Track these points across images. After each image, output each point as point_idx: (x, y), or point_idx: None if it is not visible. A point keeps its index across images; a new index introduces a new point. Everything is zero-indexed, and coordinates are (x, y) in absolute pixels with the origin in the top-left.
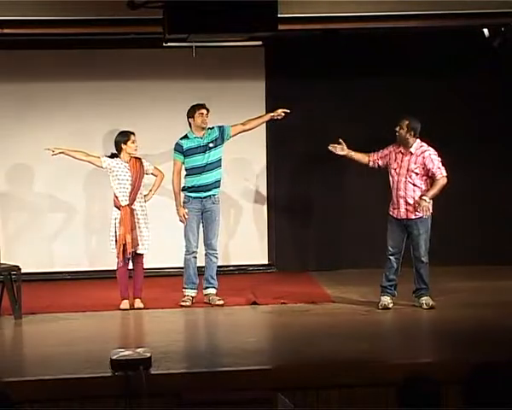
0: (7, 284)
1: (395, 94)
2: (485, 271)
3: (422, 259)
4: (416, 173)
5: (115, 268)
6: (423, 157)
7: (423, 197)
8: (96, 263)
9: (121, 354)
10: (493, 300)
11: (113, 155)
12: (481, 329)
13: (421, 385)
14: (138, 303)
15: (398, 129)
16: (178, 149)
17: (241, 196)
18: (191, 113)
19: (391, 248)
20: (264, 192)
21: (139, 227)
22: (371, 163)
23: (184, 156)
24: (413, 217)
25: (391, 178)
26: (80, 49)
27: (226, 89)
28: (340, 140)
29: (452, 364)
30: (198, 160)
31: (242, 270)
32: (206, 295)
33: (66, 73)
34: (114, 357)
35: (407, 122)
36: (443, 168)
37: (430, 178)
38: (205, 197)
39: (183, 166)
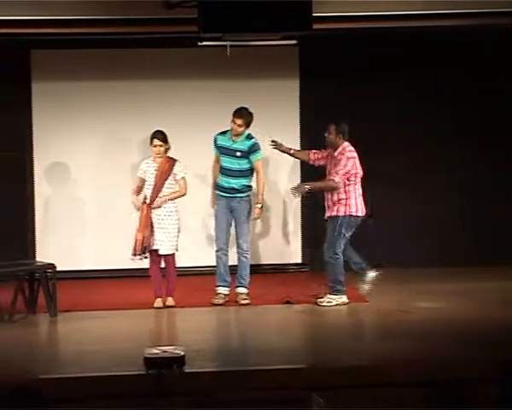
0: (42, 282)
1: (430, 94)
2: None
3: (325, 255)
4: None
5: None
6: (339, 160)
7: (306, 183)
8: (131, 262)
9: (155, 352)
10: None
11: None
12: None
13: (449, 386)
14: (170, 301)
15: (326, 134)
16: (214, 142)
17: (275, 196)
18: (232, 115)
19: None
20: None
21: (162, 227)
22: (311, 162)
23: (218, 151)
24: (328, 215)
25: None
26: (116, 48)
27: (260, 88)
28: (274, 140)
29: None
30: (229, 162)
31: (276, 269)
32: (236, 293)
33: (102, 72)
34: (148, 355)
35: (334, 127)
36: (341, 175)
37: (351, 177)
38: (230, 197)
39: (220, 163)
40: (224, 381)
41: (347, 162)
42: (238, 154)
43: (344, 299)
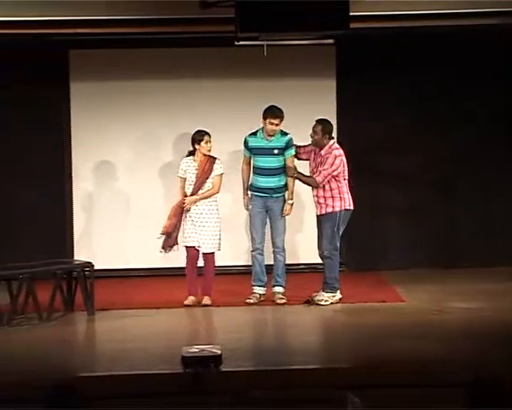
0: (80, 281)
1: (467, 94)
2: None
3: (325, 253)
4: None
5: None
6: (326, 158)
7: (295, 170)
8: (168, 260)
9: (192, 351)
10: None
11: (190, 153)
12: None
13: (492, 386)
14: (207, 300)
15: (312, 135)
16: (245, 144)
17: (311, 194)
18: (264, 115)
19: (317, 242)
20: None
21: (204, 225)
22: None
23: (251, 153)
24: (323, 212)
25: None
26: (152, 48)
27: (296, 88)
28: None
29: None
30: (267, 161)
31: (313, 268)
32: (273, 292)
33: (138, 71)
34: (185, 354)
35: (321, 127)
36: (325, 175)
37: (340, 174)
38: (267, 197)
39: (252, 163)
40: (260, 380)
41: (335, 161)
42: (276, 151)
43: (338, 295)
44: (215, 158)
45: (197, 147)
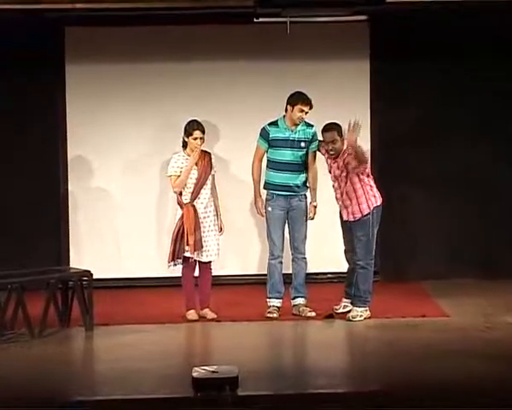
0: (77, 292)
1: (504, 75)
2: None
3: (359, 263)
4: (346, 177)
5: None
6: (344, 159)
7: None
8: (168, 269)
9: (204, 371)
10: None
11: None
12: None
13: None
14: (210, 314)
15: (332, 145)
16: (264, 135)
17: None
18: (293, 101)
19: (344, 246)
20: None
21: (209, 231)
22: None
23: (269, 145)
24: (352, 219)
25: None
26: (162, 25)
27: (326, 70)
28: None
29: None
30: (286, 155)
31: (342, 278)
32: (294, 305)
33: (144, 51)
34: (197, 375)
35: (336, 132)
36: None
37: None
38: (291, 196)
39: (268, 157)
40: (281, 405)
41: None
42: (302, 144)
43: (368, 311)
44: (209, 153)
45: (187, 140)
